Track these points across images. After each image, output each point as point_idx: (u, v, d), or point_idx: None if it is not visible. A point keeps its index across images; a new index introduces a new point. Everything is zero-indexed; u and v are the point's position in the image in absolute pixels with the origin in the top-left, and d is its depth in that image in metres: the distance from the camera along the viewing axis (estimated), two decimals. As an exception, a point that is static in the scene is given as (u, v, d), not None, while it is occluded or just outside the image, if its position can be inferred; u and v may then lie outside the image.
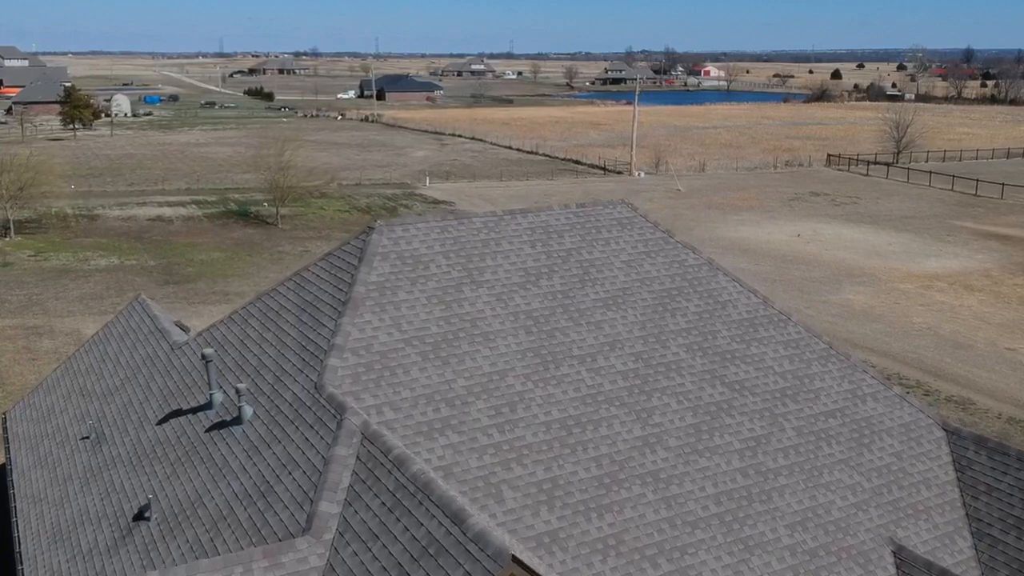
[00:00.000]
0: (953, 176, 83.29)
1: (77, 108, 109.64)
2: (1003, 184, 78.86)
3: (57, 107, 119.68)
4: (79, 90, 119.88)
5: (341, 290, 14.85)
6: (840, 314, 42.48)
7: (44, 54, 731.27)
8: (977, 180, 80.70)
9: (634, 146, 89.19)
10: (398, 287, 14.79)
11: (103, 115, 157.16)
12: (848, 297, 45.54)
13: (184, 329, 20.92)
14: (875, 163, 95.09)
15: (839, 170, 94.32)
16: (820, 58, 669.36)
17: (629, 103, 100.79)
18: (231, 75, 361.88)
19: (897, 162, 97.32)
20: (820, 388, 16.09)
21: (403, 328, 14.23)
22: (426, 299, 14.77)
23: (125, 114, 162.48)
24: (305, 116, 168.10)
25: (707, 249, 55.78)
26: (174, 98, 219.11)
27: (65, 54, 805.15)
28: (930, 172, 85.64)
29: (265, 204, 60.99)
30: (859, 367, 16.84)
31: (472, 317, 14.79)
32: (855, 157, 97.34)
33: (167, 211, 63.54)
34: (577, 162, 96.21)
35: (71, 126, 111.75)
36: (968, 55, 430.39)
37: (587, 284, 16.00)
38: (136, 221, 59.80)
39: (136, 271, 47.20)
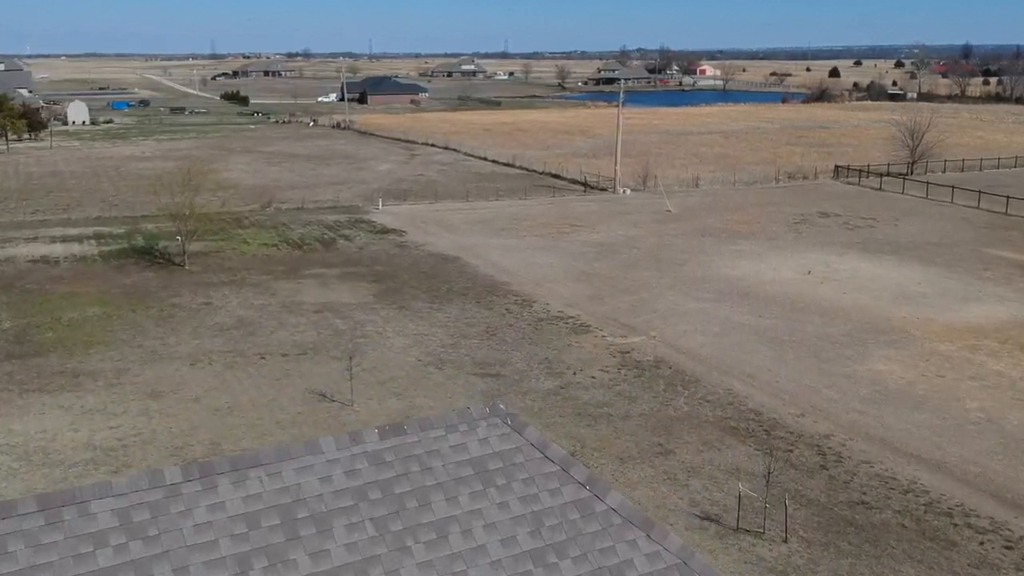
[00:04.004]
0: (979, 191, 73.58)
1: (9, 118, 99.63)
2: (1037, 201, 69.23)
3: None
4: (11, 99, 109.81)
5: None
6: (871, 397, 32.73)
7: (39, 56, 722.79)
8: (1007, 197, 71.02)
9: (618, 160, 79.38)
10: None
11: (56, 122, 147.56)
12: (878, 368, 35.80)
13: None
14: (888, 175, 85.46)
15: (848, 183, 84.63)
16: (817, 55, 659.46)
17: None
18: (214, 77, 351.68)
19: (912, 173, 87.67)
20: None
21: None
22: None
23: (84, 122, 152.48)
24: (276, 122, 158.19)
25: (701, 292, 46.08)
26: (144, 103, 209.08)
27: (59, 56, 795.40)
28: (952, 187, 75.94)
29: (178, 238, 51.15)
30: None
31: None
32: (865, 168, 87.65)
33: (57, 249, 53.67)
34: (557, 176, 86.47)
35: (2, 138, 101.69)
36: (966, 51, 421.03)
37: None
38: (13, 264, 49.92)
39: (-22, 338, 37.37)
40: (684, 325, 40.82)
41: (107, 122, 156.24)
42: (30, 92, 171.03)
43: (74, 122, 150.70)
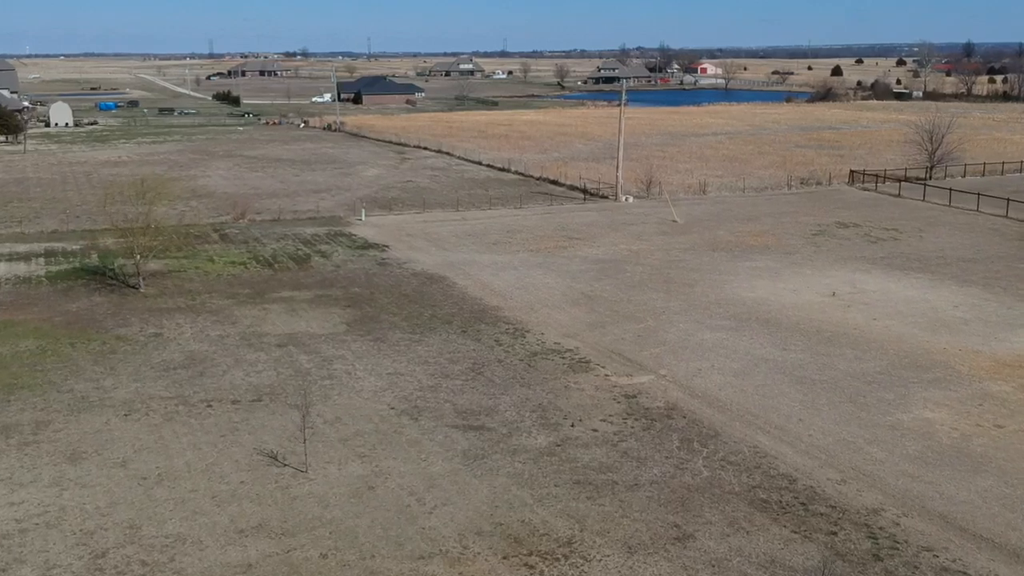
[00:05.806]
0: (1007, 199, 68.61)
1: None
2: (1071, 210, 64.22)
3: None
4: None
5: None
6: (922, 456, 27.72)
7: (37, 56, 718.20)
8: (1039, 205, 66.08)
9: (620, 165, 74.29)
10: None
11: (39, 124, 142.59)
12: (924, 415, 30.80)
13: None
14: (906, 180, 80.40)
15: (865, 190, 79.57)
16: (816, 54, 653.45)
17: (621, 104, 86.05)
18: (208, 77, 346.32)
19: (931, 178, 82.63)
20: None
21: None
22: None
23: (66, 124, 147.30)
24: (266, 124, 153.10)
25: (716, 318, 41.06)
26: (133, 104, 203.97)
27: (58, 56, 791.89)
28: (977, 194, 70.94)
29: (139, 256, 46.03)
30: None
31: None
32: (882, 173, 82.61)
33: (1, 269, 48.62)
34: (555, 182, 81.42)
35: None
36: (968, 49, 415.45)
37: None
38: (-52, 287, 44.91)
39: None
40: (698, 361, 35.80)
41: (91, 124, 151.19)
42: (12, 93, 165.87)
43: (56, 124, 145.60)
